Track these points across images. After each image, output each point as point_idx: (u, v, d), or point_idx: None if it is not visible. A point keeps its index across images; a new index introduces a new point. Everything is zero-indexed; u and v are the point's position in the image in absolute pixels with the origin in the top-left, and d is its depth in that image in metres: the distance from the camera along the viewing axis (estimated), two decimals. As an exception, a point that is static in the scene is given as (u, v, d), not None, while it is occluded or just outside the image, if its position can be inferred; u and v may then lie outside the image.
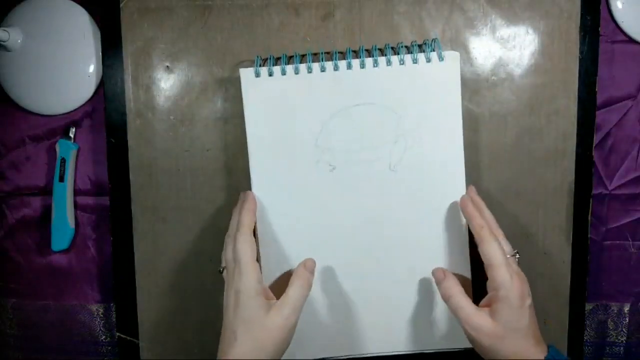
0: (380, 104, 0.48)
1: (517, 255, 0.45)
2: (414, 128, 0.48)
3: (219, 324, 0.54)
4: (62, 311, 0.57)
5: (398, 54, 0.47)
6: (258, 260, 0.45)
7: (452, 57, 0.47)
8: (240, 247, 0.43)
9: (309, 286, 0.45)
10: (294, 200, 0.49)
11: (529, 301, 0.42)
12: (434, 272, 0.47)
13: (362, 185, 0.48)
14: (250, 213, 0.46)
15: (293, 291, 0.43)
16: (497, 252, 0.43)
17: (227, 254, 0.44)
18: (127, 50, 0.51)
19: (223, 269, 0.45)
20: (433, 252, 0.49)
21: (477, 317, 0.42)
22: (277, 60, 0.49)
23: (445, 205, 0.48)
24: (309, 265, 0.46)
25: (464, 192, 0.48)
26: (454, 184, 0.48)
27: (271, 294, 0.44)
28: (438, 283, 0.46)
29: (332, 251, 0.49)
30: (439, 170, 0.48)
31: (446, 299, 0.44)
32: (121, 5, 0.50)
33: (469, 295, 0.44)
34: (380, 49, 0.49)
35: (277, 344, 0.42)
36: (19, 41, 0.52)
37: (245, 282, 0.42)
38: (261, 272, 0.45)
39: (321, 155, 0.48)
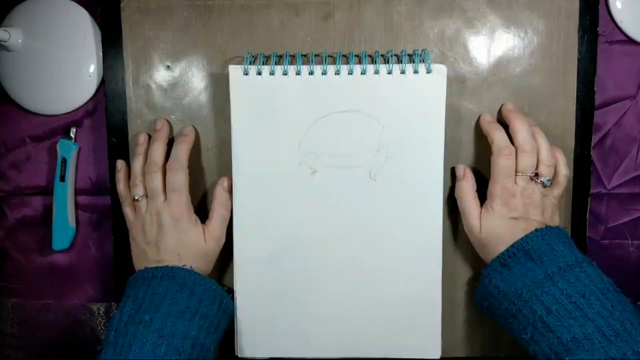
0: (365, 112, 0.48)
1: (541, 179, 0.46)
2: (396, 138, 0.48)
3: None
4: (63, 311, 0.57)
5: (388, 62, 0.48)
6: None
7: (439, 71, 0.47)
8: (178, 178, 0.47)
9: (229, 206, 0.50)
10: (273, 199, 0.49)
11: (514, 214, 0.45)
12: (455, 168, 0.50)
13: (341, 191, 0.49)
14: (187, 147, 0.49)
15: (217, 215, 0.49)
16: (495, 167, 0.46)
17: (154, 183, 0.47)
18: (128, 50, 0.51)
19: (141, 197, 0.48)
20: (407, 261, 0.49)
21: (471, 220, 0.47)
22: (268, 59, 0.49)
23: (422, 217, 0.49)
24: (225, 185, 0.50)
25: (441, 205, 0.49)
26: (432, 196, 0.49)
27: (195, 215, 0.49)
28: (457, 179, 0.50)
29: (307, 252, 0.50)
30: (418, 182, 0.49)
31: (457, 198, 0.49)
32: (122, 5, 0.50)
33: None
34: (370, 56, 0.49)
35: (211, 262, 0.50)
36: (20, 41, 0.52)
37: (185, 211, 0.47)
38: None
39: (303, 158, 0.49)
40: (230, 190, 0.50)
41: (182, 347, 0.42)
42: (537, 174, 0.46)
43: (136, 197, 0.48)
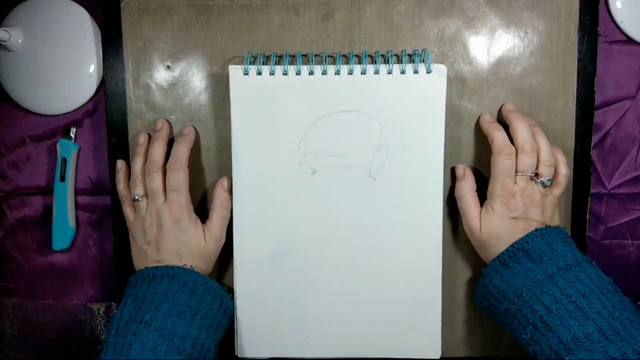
0: (365, 112, 0.48)
1: (541, 179, 0.46)
2: (396, 138, 0.48)
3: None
4: (63, 311, 0.57)
5: (388, 62, 0.48)
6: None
7: (439, 71, 0.47)
8: (178, 178, 0.47)
9: (229, 206, 0.50)
10: (273, 199, 0.49)
11: (514, 214, 0.45)
12: (455, 168, 0.50)
13: (341, 191, 0.49)
14: (187, 147, 0.49)
15: (217, 215, 0.49)
16: (495, 167, 0.46)
17: (154, 184, 0.47)
18: (128, 50, 0.51)
19: (141, 198, 0.48)
20: (407, 261, 0.49)
21: (471, 220, 0.48)
22: (268, 59, 0.49)
23: (422, 217, 0.49)
24: (226, 185, 0.50)
25: (441, 205, 0.49)
26: (432, 196, 0.49)
27: (195, 215, 0.49)
28: (456, 179, 0.50)
29: (307, 252, 0.50)
30: (419, 182, 0.49)
31: (457, 197, 0.49)
32: (122, 5, 0.50)
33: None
34: (370, 56, 0.49)
35: (211, 262, 0.50)
36: (20, 41, 0.52)
37: (185, 211, 0.47)
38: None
39: (303, 158, 0.49)
40: (230, 190, 0.50)
41: (183, 347, 0.42)
42: (537, 174, 0.46)
43: (136, 197, 0.48)
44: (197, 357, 0.43)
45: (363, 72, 0.48)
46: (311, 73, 0.48)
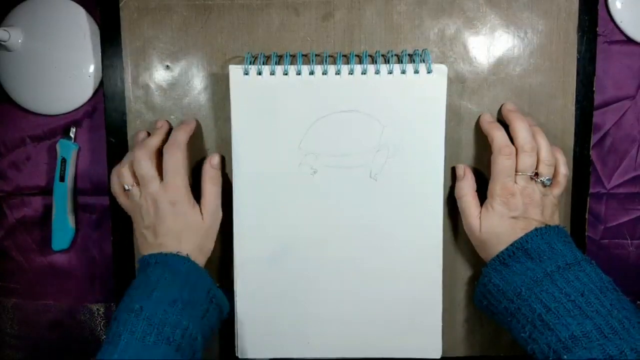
0: (365, 112, 0.48)
1: (541, 179, 0.46)
2: (397, 139, 0.48)
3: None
4: (63, 311, 0.57)
5: (388, 62, 0.48)
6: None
7: (439, 71, 0.47)
8: (176, 159, 0.47)
9: (220, 181, 0.50)
10: (273, 199, 0.49)
11: (514, 213, 0.45)
12: (455, 167, 0.50)
13: (342, 191, 0.49)
14: (186, 132, 0.48)
15: (208, 191, 0.49)
16: (495, 167, 0.46)
17: (142, 170, 0.46)
18: (127, 50, 0.51)
19: (131, 187, 0.47)
20: (407, 261, 0.50)
21: (471, 220, 0.48)
22: (268, 59, 0.49)
23: (422, 217, 0.49)
24: (214, 162, 0.49)
25: (441, 205, 0.49)
26: (432, 196, 0.49)
27: (194, 199, 0.49)
28: (457, 179, 0.50)
29: (307, 252, 0.50)
30: (419, 182, 0.49)
31: (457, 197, 0.49)
32: (121, 4, 0.50)
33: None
34: (370, 56, 0.49)
35: (212, 238, 0.49)
36: (20, 41, 0.52)
37: (183, 193, 0.47)
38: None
39: (304, 158, 0.49)
40: (219, 167, 0.50)
41: (172, 337, 0.41)
42: (537, 174, 0.46)
43: (126, 188, 0.48)
44: (185, 346, 0.42)
45: (363, 72, 0.48)
46: (311, 73, 0.48)
